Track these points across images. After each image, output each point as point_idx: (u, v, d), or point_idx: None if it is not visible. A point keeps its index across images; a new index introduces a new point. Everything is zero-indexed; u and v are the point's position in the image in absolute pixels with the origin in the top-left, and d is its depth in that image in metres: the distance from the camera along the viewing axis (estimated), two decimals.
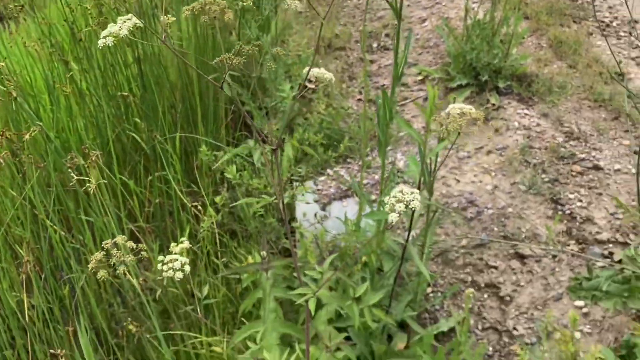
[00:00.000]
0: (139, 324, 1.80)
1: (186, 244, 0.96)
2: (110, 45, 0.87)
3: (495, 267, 1.91)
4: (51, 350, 1.43)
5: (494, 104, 2.47)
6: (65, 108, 2.19)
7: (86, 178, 1.30)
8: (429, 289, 1.92)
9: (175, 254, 0.89)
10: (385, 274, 1.58)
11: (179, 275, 0.81)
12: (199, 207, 1.60)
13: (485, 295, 1.86)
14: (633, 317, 1.72)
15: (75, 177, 1.40)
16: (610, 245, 1.89)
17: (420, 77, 2.79)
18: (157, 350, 1.68)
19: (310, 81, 3.20)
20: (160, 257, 0.83)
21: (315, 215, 1.74)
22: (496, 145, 2.30)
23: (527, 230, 1.97)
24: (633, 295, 1.60)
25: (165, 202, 2.16)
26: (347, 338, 1.61)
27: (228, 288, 1.82)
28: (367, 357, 1.55)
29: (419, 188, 1.47)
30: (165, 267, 0.83)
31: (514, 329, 1.74)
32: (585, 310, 1.73)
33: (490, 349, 1.72)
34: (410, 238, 1.53)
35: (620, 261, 1.81)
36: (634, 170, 2.11)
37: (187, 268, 0.83)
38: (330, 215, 2.07)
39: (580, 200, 2.03)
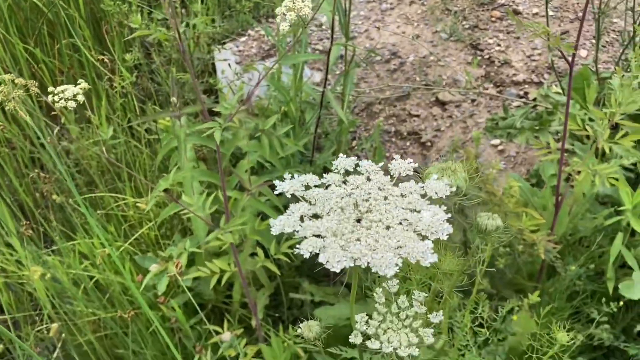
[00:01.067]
0: (64, 194, 1.77)
1: (84, 84, 0.91)
2: None
3: (418, 116, 1.95)
4: None
5: None
6: None
7: None
8: (354, 142, 1.95)
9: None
10: (306, 124, 1.59)
11: (71, 104, 0.78)
12: (110, 66, 1.52)
13: (408, 143, 1.90)
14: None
15: None
16: (526, 85, 1.95)
17: None
18: (83, 216, 1.67)
19: None
20: (50, 89, 0.79)
21: (229, 66, 1.70)
22: None
23: (448, 77, 2.00)
24: (544, 129, 1.67)
25: (77, 72, 2.05)
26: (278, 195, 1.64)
27: (152, 151, 1.80)
28: None
29: (332, 30, 1.44)
30: (56, 98, 0.79)
31: None
32: (500, 147, 1.81)
33: None
34: (328, 84, 1.52)
35: (534, 99, 1.87)
36: (550, 13, 2.13)
37: (80, 97, 0.79)
38: (252, 75, 2.02)
39: (499, 45, 2.05)
